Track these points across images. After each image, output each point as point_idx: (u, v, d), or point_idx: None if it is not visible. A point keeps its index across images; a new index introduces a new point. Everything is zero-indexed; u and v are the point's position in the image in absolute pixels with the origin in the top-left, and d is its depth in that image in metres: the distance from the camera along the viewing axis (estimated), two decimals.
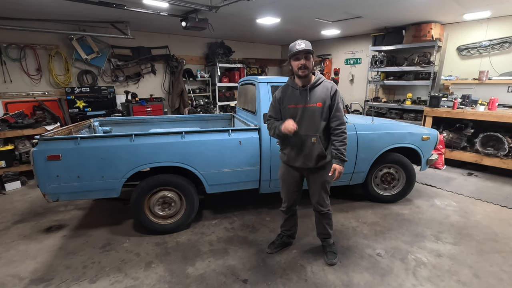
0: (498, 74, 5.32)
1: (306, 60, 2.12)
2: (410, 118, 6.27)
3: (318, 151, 2.23)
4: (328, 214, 2.50)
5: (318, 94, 2.22)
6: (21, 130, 4.52)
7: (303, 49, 2.08)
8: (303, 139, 2.24)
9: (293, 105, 2.25)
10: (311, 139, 2.22)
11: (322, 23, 5.95)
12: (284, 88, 2.34)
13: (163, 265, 2.51)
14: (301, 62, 2.12)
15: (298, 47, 2.09)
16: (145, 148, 2.72)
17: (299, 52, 2.10)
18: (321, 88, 2.23)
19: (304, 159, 2.27)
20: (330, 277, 2.35)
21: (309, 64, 2.14)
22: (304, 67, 2.13)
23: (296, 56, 2.13)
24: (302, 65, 2.12)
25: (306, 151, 2.25)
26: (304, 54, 2.11)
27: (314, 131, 2.23)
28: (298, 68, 2.14)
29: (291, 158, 2.33)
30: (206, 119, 4.35)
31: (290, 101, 2.26)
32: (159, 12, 4.80)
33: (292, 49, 2.13)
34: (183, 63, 7.33)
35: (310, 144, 2.23)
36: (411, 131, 3.52)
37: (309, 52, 2.11)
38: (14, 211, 3.58)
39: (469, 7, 4.74)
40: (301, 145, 2.26)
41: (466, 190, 4.10)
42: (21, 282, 2.32)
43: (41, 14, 4.96)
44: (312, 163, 2.27)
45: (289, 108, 2.26)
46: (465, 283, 2.28)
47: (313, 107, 2.20)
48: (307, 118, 2.22)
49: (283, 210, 2.60)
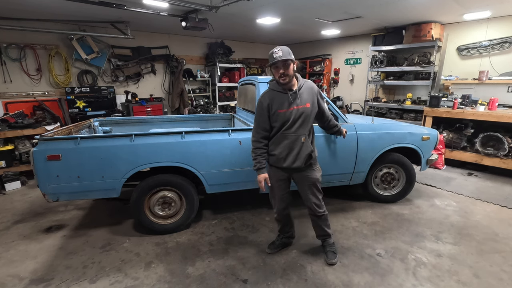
0: (498, 74, 5.32)
1: (285, 68, 2.13)
2: (410, 118, 6.27)
3: (308, 150, 2.28)
4: (324, 215, 2.51)
5: (306, 96, 2.28)
6: (21, 130, 4.52)
7: (280, 59, 2.09)
8: (294, 139, 2.27)
9: (284, 110, 2.22)
10: (301, 138, 2.26)
11: (322, 23, 5.95)
12: (270, 94, 2.27)
13: (163, 265, 2.51)
14: (280, 71, 2.14)
15: (275, 56, 2.09)
16: (145, 148, 2.72)
17: (276, 62, 2.11)
18: (306, 89, 2.30)
19: (294, 158, 2.28)
20: (330, 277, 2.36)
21: (289, 72, 2.15)
22: (283, 75, 2.15)
23: (275, 65, 2.15)
24: (281, 73, 2.15)
25: (296, 151, 2.27)
26: (282, 63, 2.12)
27: (304, 130, 2.27)
28: (279, 77, 2.17)
29: (281, 158, 2.30)
30: (206, 119, 4.35)
31: (280, 106, 2.22)
32: (159, 12, 4.80)
33: (270, 58, 2.15)
34: (183, 63, 7.33)
35: (300, 144, 2.27)
36: (411, 131, 3.52)
37: (286, 61, 2.12)
38: (14, 211, 3.59)
39: (469, 7, 4.75)
40: (292, 144, 2.28)
41: (466, 190, 4.10)
42: (21, 282, 2.32)
43: (41, 14, 4.97)
44: (301, 162, 2.28)
45: (280, 112, 2.22)
46: (465, 283, 2.28)
47: (304, 108, 2.25)
48: (300, 119, 2.25)
49: (277, 218, 2.60)
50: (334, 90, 8.61)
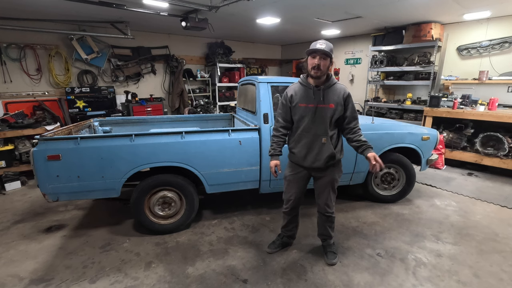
0: (498, 74, 5.32)
1: (322, 60, 2.10)
2: (410, 118, 6.27)
3: (329, 151, 2.23)
4: (332, 218, 2.49)
5: (331, 96, 2.21)
6: (21, 130, 4.52)
7: (321, 49, 2.07)
8: (314, 139, 2.24)
9: (304, 104, 2.23)
10: (322, 139, 2.22)
11: (322, 23, 5.95)
12: (296, 86, 2.31)
13: (163, 265, 2.51)
14: (316, 61, 2.10)
15: (319, 46, 2.07)
16: (145, 148, 2.72)
17: (316, 51, 2.08)
18: (334, 90, 2.22)
19: (314, 159, 2.26)
20: (330, 277, 2.35)
21: (324, 66, 2.11)
22: (317, 67, 2.10)
23: (313, 54, 2.11)
24: (316, 64, 2.10)
25: (316, 151, 2.25)
26: (321, 54, 2.09)
27: (324, 131, 2.22)
28: (312, 68, 2.13)
29: (300, 157, 2.31)
30: (206, 119, 4.35)
31: (302, 100, 2.24)
32: (159, 12, 4.80)
33: (312, 46, 2.12)
34: (183, 63, 7.33)
35: (320, 144, 2.23)
36: (411, 131, 3.52)
37: (327, 54, 2.09)
38: (14, 211, 3.58)
39: (469, 7, 4.74)
40: (311, 144, 2.25)
41: (466, 190, 4.10)
42: (21, 282, 2.32)
43: (41, 14, 4.97)
44: (321, 163, 2.26)
45: (300, 106, 2.24)
46: (465, 283, 2.28)
47: (325, 108, 2.20)
48: (319, 118, 2.21)
49: (285, 212, 2.56)
50: None
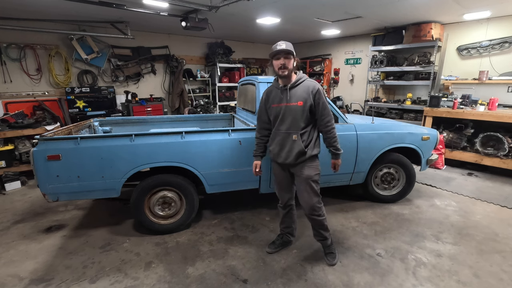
0: (498, 74, 5.32)
1: (285, 59, 2.18)
2: (410, 118, 6.27)
3: (299, 148, 2.29)
4: (318, 220, 2.42)
5: (299, 93, 2.27)
6: (21, 130, 4.52)
7: (283, 49, 2.14)
8: (285, 136, 2.33)
9: (276, 104, 2.33)
10: (293, 136, 2.30)
11: (322, 23, 5.95)
12: (269, 89, 2.44)
13: (163, 265, 2.51)
14: (280, 62, 2.18)
15: (279, 47, 2.15)
16: (145, 148, 2.72)
17: (279, 52, 2.17)
18: (302, 88, 2.29)
19: (286, 155, 2.34)
20: (330, 277, 2.36)
21: (289, 64, 2.20)
22: (283, 67, 2.19)
23: (277, 56, 2.20)
24: (281, 64, 2.19)
25: (288, 148, 2.33)
26: (284, 54, 2.17)
27: (295, 128, 2.29)
28: (278, 68, 2.21)
29: (275, 154, 2.42)
30: (206, 119, 4.35)
31: (274, 100, 2.35)
32: (159, 12, 4.80)
33: (273, 49, 2.20)
34: (183, 63, 7.33)
35: (291, 141, 2.31)
36: (411, 131, 3.52)
37: (289, 52, 2.17)
38: (14, 211, 3.58)
39: (469, 7, 4.75)
40: (283, 141, 2.34)
41: (466, 190, 4.10)
42: (21, 282, 2.32)
43: (41, 14, 4.97)
44: (291, 159, 2.33)
45: (273, 107, 2.35)
46: (465, 283, 2.28)
47: (294, 106, 2.27)
48: (289, 116, 2.28)
49: (280, 206, 2.65)
50: (334, 90, 8.62)
